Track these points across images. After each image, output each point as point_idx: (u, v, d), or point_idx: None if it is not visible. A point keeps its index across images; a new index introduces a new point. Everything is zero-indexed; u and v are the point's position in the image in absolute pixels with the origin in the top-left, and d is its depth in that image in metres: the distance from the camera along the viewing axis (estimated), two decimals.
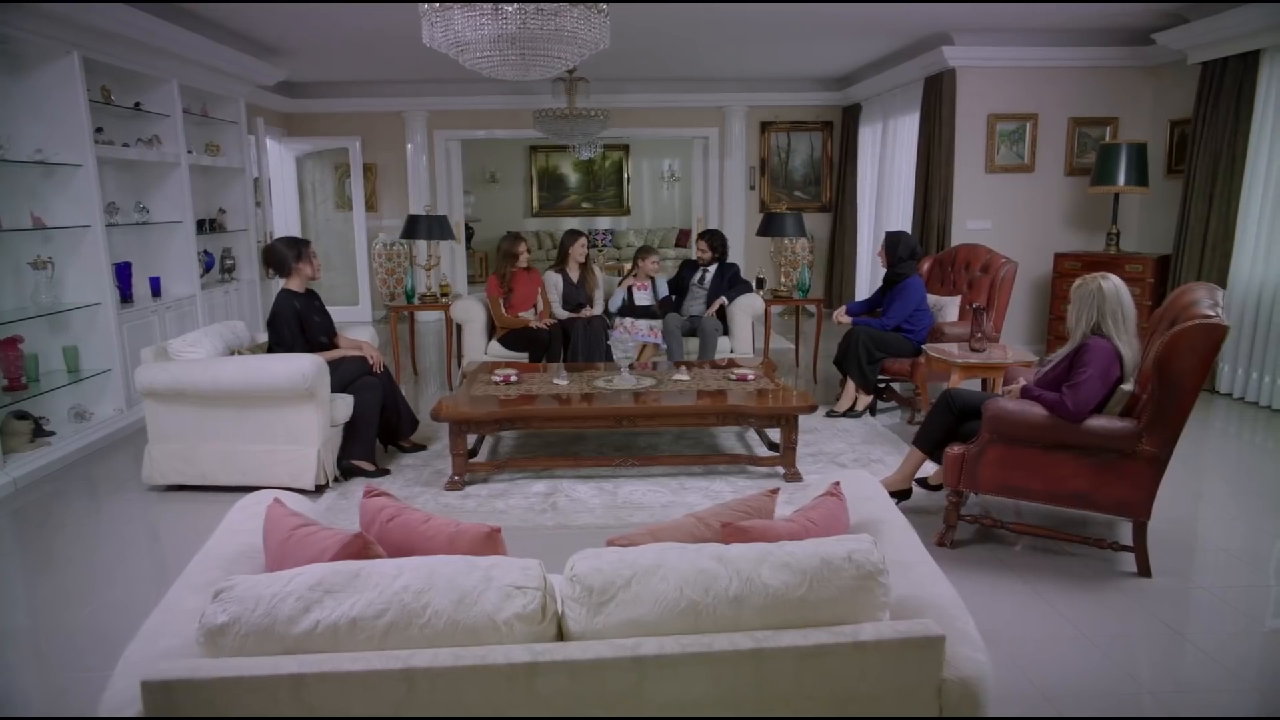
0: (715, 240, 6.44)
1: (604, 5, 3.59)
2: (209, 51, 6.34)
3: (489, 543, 1.79)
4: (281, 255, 4.64)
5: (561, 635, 1.59)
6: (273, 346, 4.61)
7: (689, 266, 6.54)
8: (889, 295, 5.57)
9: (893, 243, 5.61)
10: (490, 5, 3.41)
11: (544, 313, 6.11)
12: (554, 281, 6.31)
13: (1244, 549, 3.66)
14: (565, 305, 6.26)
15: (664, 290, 6.46)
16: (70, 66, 4.96)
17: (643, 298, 6.40)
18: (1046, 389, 3.35)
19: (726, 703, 1.49)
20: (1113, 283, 3.29)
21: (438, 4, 3.48)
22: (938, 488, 3.96)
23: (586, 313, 6.17)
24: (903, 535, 2.07)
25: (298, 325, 4.55)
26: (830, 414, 5.57)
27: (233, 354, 4.51)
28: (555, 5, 3.43)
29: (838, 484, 2.09)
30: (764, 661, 1.48)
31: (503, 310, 6.03)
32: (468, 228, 12.27)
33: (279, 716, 1.43)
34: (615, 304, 6.41)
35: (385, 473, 4.58)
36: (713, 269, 6.38)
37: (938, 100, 7.22)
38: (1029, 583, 3.28)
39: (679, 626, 1.53)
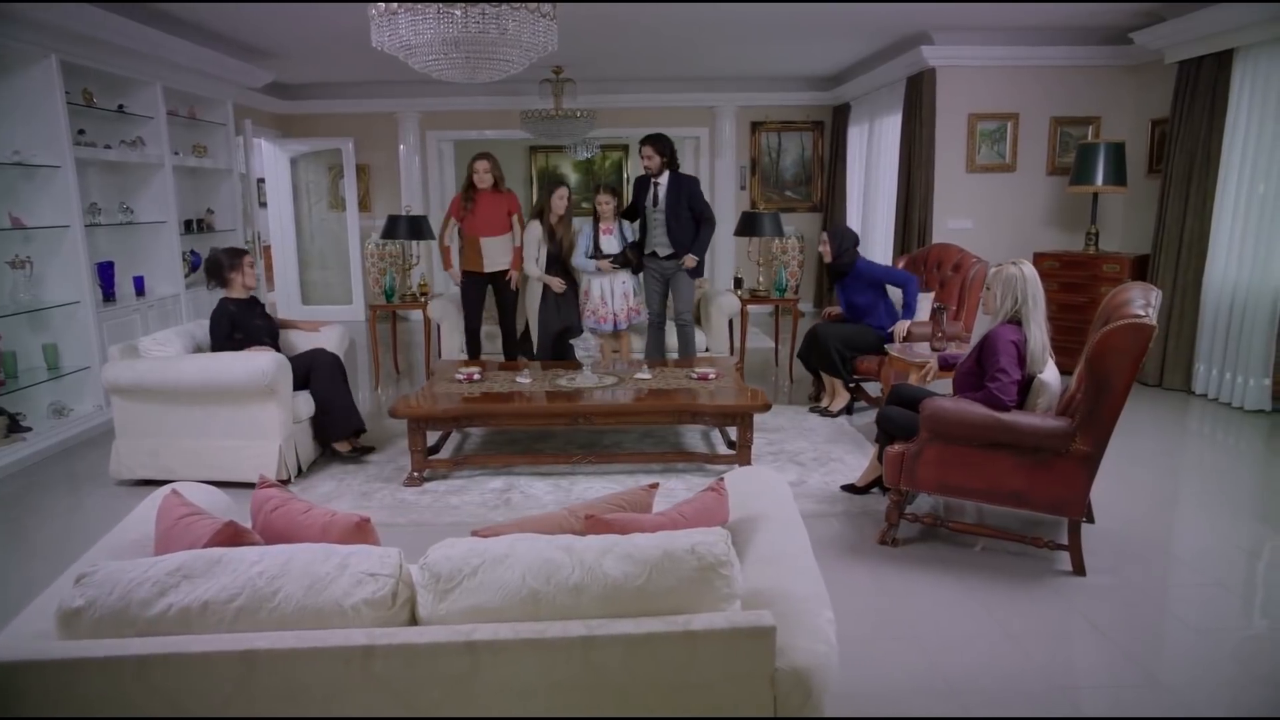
0: (661, 145, 5.62)
1: (548, 8, 3.64)
2: (193, 55, 6.43)
3: (358, 532, 1.84)
4: (218, 265, 4.78)
5: (415, 621, 1.64)
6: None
7: (641, 186, 5.85)
8: (852, 287, 5.55)
9: (838, 234, 5.57)
10: (434, 8, 3.47)
11: (515, 261, 5.91)
12: (536, 234, 5.87)
13: (1187, 549, 3.65)
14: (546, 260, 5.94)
15: (630, 235, 5.92)
16: (48, 70, 5.06)
17: (609, 243, 5.85)
18: (965, 384, 3.39)
19: (559, 688, 1.54)
20: (1031, 269, 3.44)
21: (383, 6, 3.54)
22: (887, 490, 3.99)
23: (558, 285, 5.84)
24: (785, 530, 2.10)
25: (229, 330, 4.64)
26: (825, 413, 5.57)
27: (201, 353, 4.60)
28: (497, 9, 3.49)
29: (721, 480, 2.13)
30: (595, 648, 1.52)
31: (445, 233, 5.90)
32: None
33: (123, 696, 1.48)
34: (581, 255, 5.87)
35: (370, 450, 4.84)
36: (664, 180, 5.67)
37: (918, 100, 7.21)
38: (963, 580, 3.30)
39: (519, 614, 1.57)
